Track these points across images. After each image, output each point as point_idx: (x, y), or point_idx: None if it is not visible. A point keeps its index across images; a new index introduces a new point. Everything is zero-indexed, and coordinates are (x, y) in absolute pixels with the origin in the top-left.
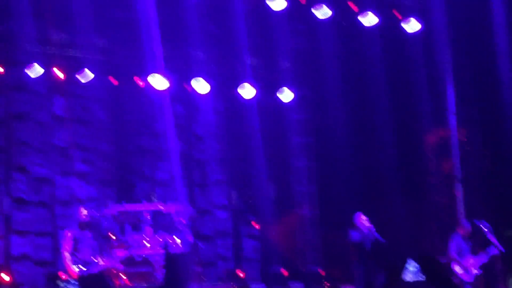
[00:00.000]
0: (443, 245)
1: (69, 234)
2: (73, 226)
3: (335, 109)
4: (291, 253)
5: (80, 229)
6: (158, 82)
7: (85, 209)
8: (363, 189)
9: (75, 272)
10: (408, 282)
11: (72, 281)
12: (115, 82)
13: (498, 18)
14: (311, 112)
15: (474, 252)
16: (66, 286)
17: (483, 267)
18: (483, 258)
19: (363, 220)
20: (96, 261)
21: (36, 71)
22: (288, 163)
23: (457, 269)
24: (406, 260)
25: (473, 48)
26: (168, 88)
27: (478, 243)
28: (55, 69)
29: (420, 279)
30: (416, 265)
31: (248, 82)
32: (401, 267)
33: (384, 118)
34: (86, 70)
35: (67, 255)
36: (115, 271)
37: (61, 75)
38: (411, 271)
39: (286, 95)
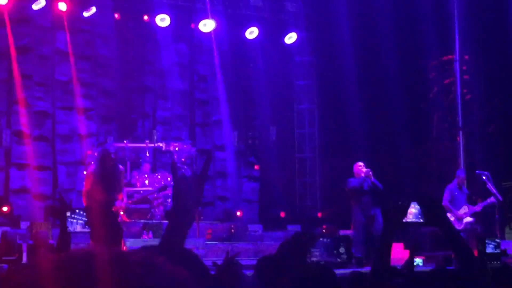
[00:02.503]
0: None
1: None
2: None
3: (340, 52)
4: (290, 196)
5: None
6: (162, 19)
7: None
8: (366, 134)
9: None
10: (408, 223)
11: (78, 211)
12: (118, 18)
13: None
14: (315, 55)
15: (472, 201)
16: (73, 217)
17: (477, 216)
18: (477, 208)
19: (360, 167)
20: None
21: (40, 4)
22: (291, 105)
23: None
24: (409, 203)
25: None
26: (172, 26)
27: (477, 192)
28: (59, 3)
29: (420, 220)
30: (418, 207)
31: (252, 23)
32: (404, 209)
33: (391, 62)
34: (93, 8)
35: (86, 191)
36: (115, 207)
37: (64, 9)
38: (413, 212)
39: (290, 37)
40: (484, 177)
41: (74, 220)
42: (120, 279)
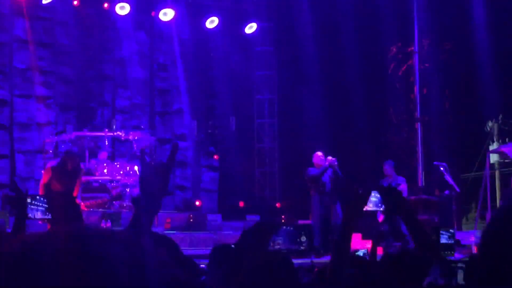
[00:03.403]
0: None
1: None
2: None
3: (300, 42)
4: (249, 185)
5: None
6: (121, 7)
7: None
8: (326, 124)
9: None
10: (367, 211)
11: (39, 198)
12: (77, 5)
13: None
14: (275, 45)
15: (431, 192)
16: (34, 204)
17: (435, 207)
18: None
19: (320, 157)
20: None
21: None
22: (251, 95)
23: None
24: (369, 192)
25: None
26: (132, 14)
27: (435, 183)
28: None
29: (380, 209)
30: (378, 195)
31: (213, 12)
32: (364, 198)
33: (351, 52)
34: None
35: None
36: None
37: None
38: (372, 201)
39: (250, 27)
40: (441, 168)
41: (35, 207)
42: (79, 250)
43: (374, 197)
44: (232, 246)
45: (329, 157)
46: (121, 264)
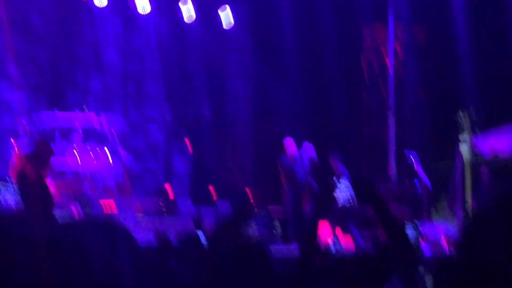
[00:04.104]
0: (374, 171)
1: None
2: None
3: (275, 29)
4: (221, 171)
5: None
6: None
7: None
8: (299, 109)
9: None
10: (338, 200)
11: (10, 181)
12: None
13: None
14: (250, 31)
15: (401, 182)
16: (3, 185)
17: (404, 197)
18: None
19: (291, 143)
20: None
21: None
22: (224, 81)
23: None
24: (335, 180)
25: None
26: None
27: (405, 171)
28: None
29: (348, 197)
30: (348, 184)
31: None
32: (331, 187)
33: (326, 36)
34: None
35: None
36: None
37: None
38: (342, 189)
39: (226, 15)
40: (412, 158)
41: (4, 189)
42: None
43: (345, 186)
44: (200, 233)
45: (307, 146)
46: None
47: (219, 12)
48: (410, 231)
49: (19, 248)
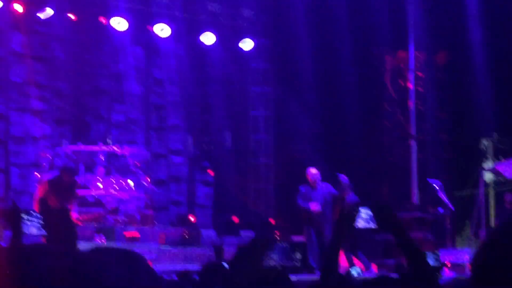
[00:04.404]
0: (395, 199)
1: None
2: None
3: (296, 59)
4: (244, 201)
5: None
6: (119, 23)
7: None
8: (320, 140)
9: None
10: (359, 229)
11: (35, 214)
12: (75, 20)
13: None
14: (271, 61)
15: (425, 210)
16: (28, 219)
17: (429, 225)
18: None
19: (313, 173)
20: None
21: None
22: (246, 111)
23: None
24: (358, 208)
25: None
26: (129, 29)
27: (428, 200)
28: (14, 4)
29: (372, 226)
30: (369, 212)
31: (209, 29)
32: (352, 216)
33: (347, 70)
34: (49, 9)
35: (39, 199)
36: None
37: (20, 10)
38: (363, 218)
39: (247, 44)
40: (435, 186)
41: (29, 223)
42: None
43: (365, 214)
44: (224, 264)
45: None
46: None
47: (240, 44)
48: (431, 261)
49: (43, 278)
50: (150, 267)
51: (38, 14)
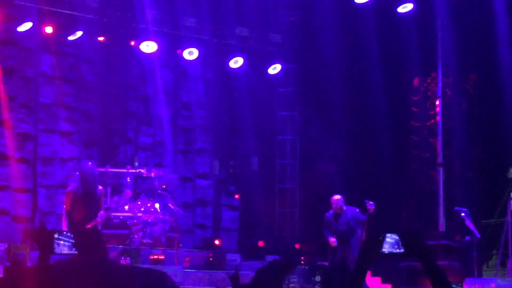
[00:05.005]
0: (422, 227)
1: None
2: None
3: (323, 84)
4: (269, 226)
5: (81, 184)
6: (147, 45)
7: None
8: (347, 166)
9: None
10: (384, 253)
11: (65, 233)
12: (104, 42)
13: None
14: (298, 86)
15: (452, 238)
16: (60, 238)
17: (455, 253)
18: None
19: (337, 200)
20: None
21: (26, 26)
22: (273, 135)
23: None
24: (384, 234)
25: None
26: (157, 52)
27: (456, 228)
28: (45, 27)
29: (398, 251)
30: (395, 237)
31: (237, 52)
32: (379, 241)
33: (375, 94)
34: (79, 32)
35: (66, 210)
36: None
37: (51, 31)
38: (388, 242)
39: (274, 68)
40: (462, 214)
41: (62, 242)
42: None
43: (391, 238)
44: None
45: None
46: None
47: (269, 70)
48: None
49: None
50: (176, 285)
51: (69, 38)
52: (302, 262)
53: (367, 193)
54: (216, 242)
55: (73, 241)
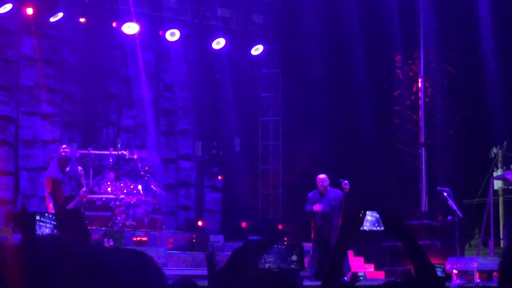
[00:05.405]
0: (405, 207)
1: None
2: (52, 166)
3: (306, 65)
4: (253, 207)
5: (60, 167)
6: (129, 27)
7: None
8: (330, 147)
9: (52, 210)
10: (364, 231)
11: (47, 215)
12: (85, 23)
13: None
14: (281, 67)
15: (434, 218)
16: (41, 220)
17: (437, 233)
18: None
19: (322, 179)
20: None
21: (6, 8)
22: (256, 117)
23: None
24: (364, 213)
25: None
26: (139, 34)
27: (438, 208)
28: (26, 8)
29: (378, 229)
30: (375, 215)
31: (219, 33)
32: (360, 220)
33: (357, 76)
34: (60, 13)
35: (47, 195)
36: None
37: (31, 13)
38: (369, 220)
39: (257, 49)
40: (445, 194)
41: (43, 224)
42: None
43: (371, 216)
44: (196, 281)
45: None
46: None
47: (252, 51)
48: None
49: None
50: (160, 268)
51: (50, 19)
52: (285, 243)
53: (349, 173)
54: (199, 223)
55: (55, 223)
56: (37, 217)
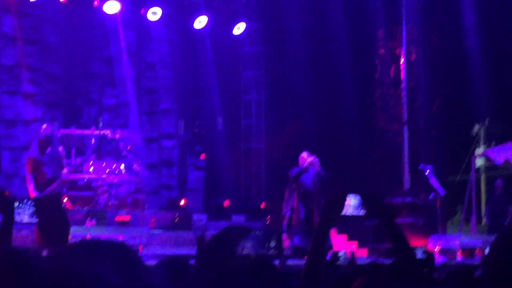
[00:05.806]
0: (387, 185)
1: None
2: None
3: (288, 43)
4: (235, 186)
5: (40, 148)
6: (110, 6)
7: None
8: (313, 126)
9: (33, 192)
10: (347, 216)
11: (26, 201)
12: (66, 2)
13: None
14: (263, 45)
15: (417, 195)
16: (20, 207)
17: (420, 210)
18: None
19: (304, 157)
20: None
21: None
22: (238, 95)
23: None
24: (345, 195)
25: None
26: (120, 13)
27: (420, 185)
28: None
29: (360, 214)
30: (358, 200)
31: (201, 12)
32: (341, 202)
33: (340, 54)
34: None
35: (28, 176)
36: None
37: None
38: (351, 205)
39: (239, 27)
40: (427, 171)
41: (22, 211)
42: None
43: (354, 200)
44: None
45: (310, 158)
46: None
47: (234, 29)
48: (419, 255)
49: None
50: (142, 261)
51: None
52: (268, 222)
53: (332, 151)
54: (182, 202)
55: (34, 208)
56: (16, 204)
